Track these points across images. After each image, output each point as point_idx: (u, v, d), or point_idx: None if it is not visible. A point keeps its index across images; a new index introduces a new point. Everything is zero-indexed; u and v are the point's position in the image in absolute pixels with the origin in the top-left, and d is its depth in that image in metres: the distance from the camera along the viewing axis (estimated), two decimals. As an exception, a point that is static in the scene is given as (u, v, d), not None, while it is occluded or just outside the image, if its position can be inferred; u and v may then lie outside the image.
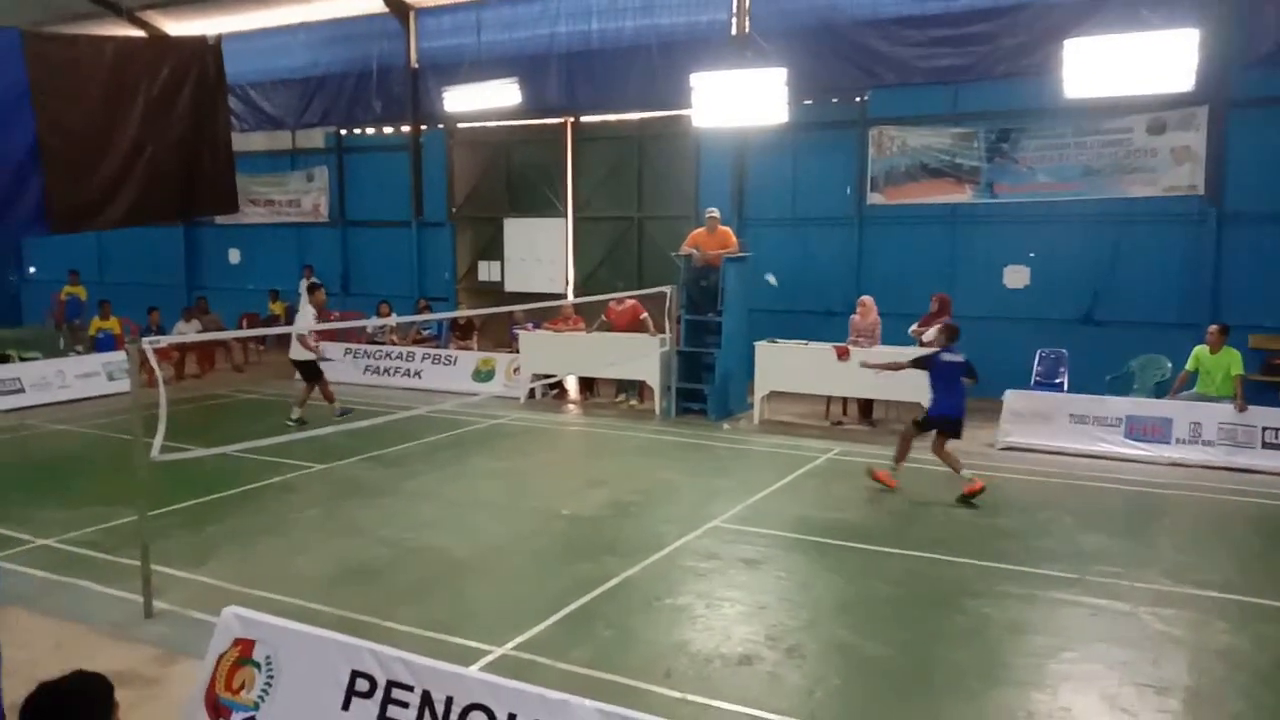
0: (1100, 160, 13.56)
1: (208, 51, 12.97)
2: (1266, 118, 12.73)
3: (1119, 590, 6.87)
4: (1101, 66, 11.70)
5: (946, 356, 9.50)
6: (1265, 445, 10.59)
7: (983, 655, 5.88)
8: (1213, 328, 11.29)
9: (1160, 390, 12.22)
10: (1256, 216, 12.84)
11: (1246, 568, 7.50)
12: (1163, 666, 5.67)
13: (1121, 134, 13.41)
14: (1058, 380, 13.22)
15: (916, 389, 11.96)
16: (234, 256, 22.30)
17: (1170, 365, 12.39)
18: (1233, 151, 12.92)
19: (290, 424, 11.95)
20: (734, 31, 15.74)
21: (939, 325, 10.24)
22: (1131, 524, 8.74)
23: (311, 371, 12.75)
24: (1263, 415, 10.78)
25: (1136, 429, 11.16)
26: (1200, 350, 11.31)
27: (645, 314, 14.04)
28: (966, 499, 9.06)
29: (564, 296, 17.34)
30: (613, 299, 14.21)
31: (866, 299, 13.13)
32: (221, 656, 4.44)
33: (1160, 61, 11.43)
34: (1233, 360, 11.08)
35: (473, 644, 5.83)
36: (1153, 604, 6.61)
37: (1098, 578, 7.10)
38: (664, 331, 13.55)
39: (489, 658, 5.66)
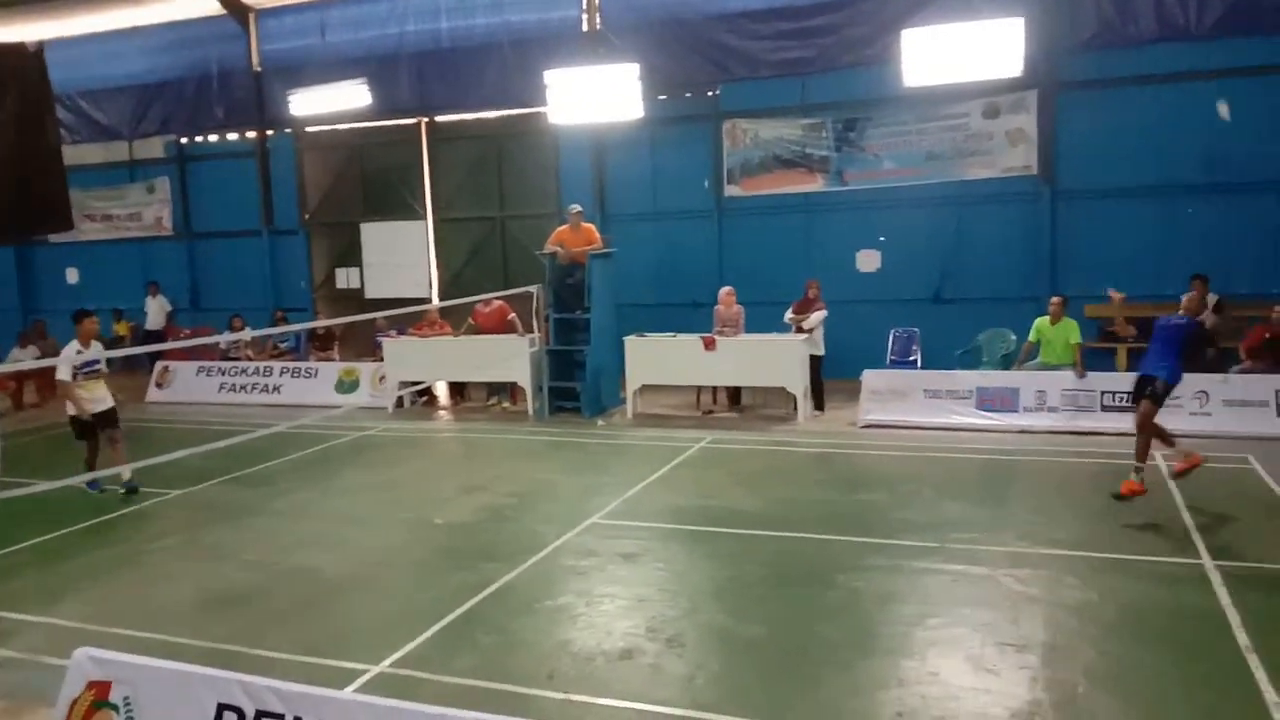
0: (941, 145, 14.19)
1: (29, 59, 12.17)
2: (1091, 99, 13.56)
3: (977, 555, 7.21)
4: (937, 55, 12.21)
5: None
6: (1104, 408, 11.29)
7: (854, 628, 6.08)
8: (1054, 299, 11.97)
9: (1006, 362, 12.87)
10: (1086, 193, 13.68)
11: (1092, 525, 7.97)
12: (1021, 625, 5.97)
13: (960, 119, 14.06)
14: (911, 358, 13.79)
15: (781, 374, 12.37)
16: (72, 276, 21.05)
17: (1014, 337, 13.07)
18: (1062, 132, 13.73)
19: (116, 490, 9.84)
20: (585, 28, 15.78)
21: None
22: (986, 491, 9.20)
23: (82, 429, 9.91)
24: (1101, 380, 11.50)
25: (986, 400, 11.74)
26: (1041, 321, 11.97)
27: (513, 314, 13.94)
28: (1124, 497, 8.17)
29: (428, 301, 17.06)
30: (479, 301, 14.04)
31: (728, 289, 13.36)
32: (75, 701, 4.20)
33: (991, 49, 12.01)
34: (1071, 330, 11.77)
35: (349, 665, 5.68)
36: (1010, 566, 6.96)
37: (957, 544, 7.44)
38: (533, 331, 13.49)
39: (366, 677, 5.52)
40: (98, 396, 9.91)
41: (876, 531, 7.87)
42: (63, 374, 9.60)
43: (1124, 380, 11.57)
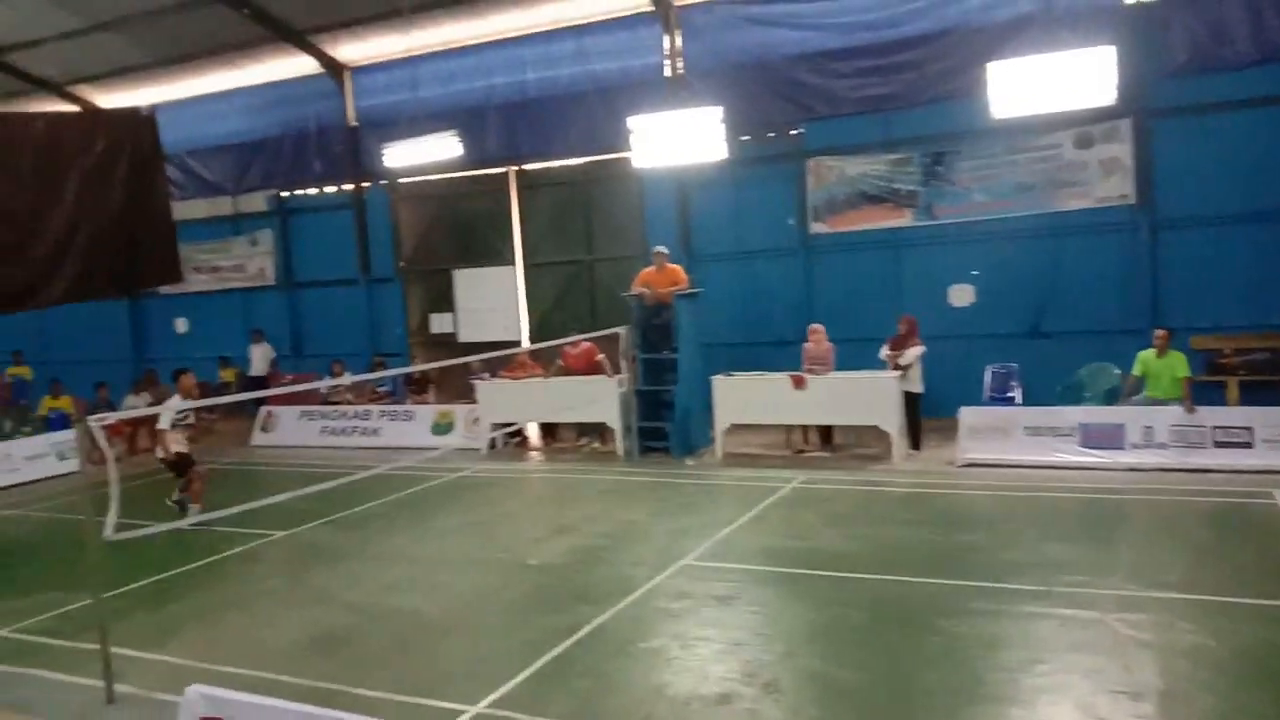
0: (1033, 176, 13.90)
1: (142, 123, 12.89)
2: (1187, 125, 13.16)
3: (1085, 598, 6.95)
4: (1025, 86, 11.96)
5: None
6: (1217, 444, 10.81)
7: (958, 674, 5.90)
8: (1159, 332, 11.53)
9: (1111, 397, 12.43)
10: (1187, 220, 13.22)
11: (1202, 565, 7.63)
12: (1133, 671, 5.73)
13: (1051, 149, 13.76)
14: (1010, 394, 13.43)
15: (874, 412, 12.17)
16: (181, 326, 22.00)
17: (1119, 372, 12.60)
18: (1159, 159, 13.32)
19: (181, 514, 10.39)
20: (668, 74, 15.97)
21: None
22: (1093, 531, 8.86)
23: (177, 467, 11.02)
24: (1212, 415, 11.03)
25: (1091, 437, 11.33)
26: (1145, 355, 11.55)
27: (601, 355, 14.07)
28: None
29: (519, 344, 17.31)
30: (568, 343, 14.22)
31: (818, 326, 13.23)
32: (188, 738, 4.32)
33: (1081, 78, 11.72)
34: (1178, 363, 11.32)
35: (447, 705, 5.75)
36: (1119, 609, 6.69)
37: (1064, 587, 7.19)
38: (621, 372, 13.57)
39: (464, 718, 5.57)
40: (181, 441, 11.11)
41: (978, 574, 7.66)
42: (164, 423, 10.67)
43: (1236, 415, 11.13)
